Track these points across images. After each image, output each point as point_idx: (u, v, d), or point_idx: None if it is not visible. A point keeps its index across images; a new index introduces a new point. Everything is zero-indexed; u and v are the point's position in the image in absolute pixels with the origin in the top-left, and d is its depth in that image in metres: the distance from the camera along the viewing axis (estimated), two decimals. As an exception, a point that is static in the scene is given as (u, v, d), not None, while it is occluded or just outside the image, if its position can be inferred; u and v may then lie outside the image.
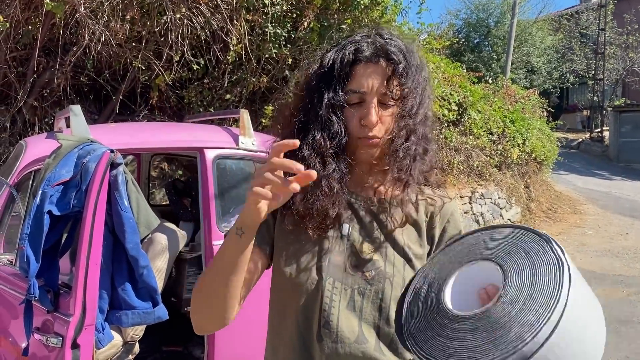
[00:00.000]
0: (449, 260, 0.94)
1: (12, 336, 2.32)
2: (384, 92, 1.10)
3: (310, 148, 1.11)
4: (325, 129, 1.11)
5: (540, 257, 0.82)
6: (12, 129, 5.07)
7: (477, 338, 0.78)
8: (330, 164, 1.11)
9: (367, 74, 1.11)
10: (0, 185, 2.71)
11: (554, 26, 24.21)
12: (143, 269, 2.24)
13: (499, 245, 0.88)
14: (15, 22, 4.51)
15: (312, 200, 1.10)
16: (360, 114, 1.10)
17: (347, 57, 1.11)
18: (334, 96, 1.11)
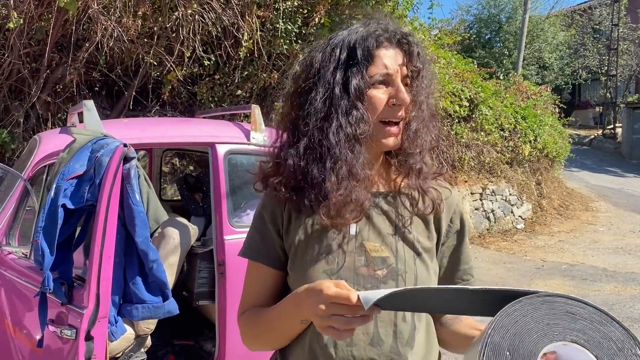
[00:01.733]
0: (526, 324, 0.83)
1: (26, 328, 2.35)
2: (405, 74, 1.11)
3: (338, 136, 1.07)
4: (350, 115, 1.08)
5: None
6: (26, 124, 5.12)
7: None
8: (359, 152, 1.08)
9: (388, 56, 1.10)
10: (14, 179, 2.74)
11: (566, 22, 23.96)
12: (153, 262, 2.25)
13: (586, 327, 0.81)
14: (29, 19, 4.55)
15: (349, 190, 1.07)
16: (391, 93, 1.09)
17: (368, 42, 1.09)
18: (361, 80, 1.08)
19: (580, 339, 0.80)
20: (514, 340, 0.81)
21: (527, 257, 7.60)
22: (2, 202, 2.76)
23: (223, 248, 2.88)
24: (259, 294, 1.19)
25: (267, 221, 1.18)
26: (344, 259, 1.10)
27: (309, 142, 1.10)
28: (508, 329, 0.82)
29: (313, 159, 1.09)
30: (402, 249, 1.12)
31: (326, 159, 1.07)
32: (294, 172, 1.10)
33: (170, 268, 3.00)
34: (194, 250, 3.22)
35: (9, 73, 4.89)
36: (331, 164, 1.07)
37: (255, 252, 1.19)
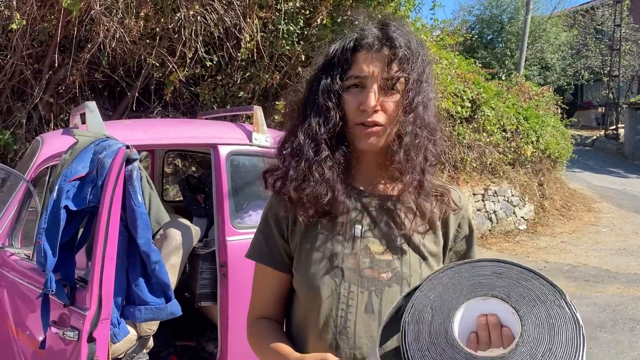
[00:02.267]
0: (454, 285, 0.90)
1: (29, 329, 2.35)
2: (385, 78, 1.08)
3: (305, 134, 1.11)
4: (320, 115, 1.10)
5: (556, 311, 0.82)
6: (28, 125, 5.13)
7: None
8: (323, 151, 1.10)
9: (367, 60, 1.09)
10: (17, 180, 2.74)
11: (568, 22, 23.92)
12: (155, 264, 2.25)
13: (510, 285, 0.86)
14: (32, 20, 4.56)
15: (303, 186, 1.09)
16: (360, 98, 1.08)
17: (347, 44, 1.11)
18: (331, 82, 1.10)
19: (501, 294, 0.85)
20: (438, 299, 0.88)
21: (529, 258, 7.59)
22: (4, 203, 2.76)
23: (225, 249, 2.88)
24: (266, 297, 1.21)
25: (272, 223, 1.19)
26: (348, 261, 1.10)
27: (288, 138, 1.16)
28: (435, 289, 0.89)
29: (288, 154, 1.14)
30: (407, 252, 1.11)
31: (293, 154, 1.12)
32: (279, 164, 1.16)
33: (172, 269, 3.00)
34: (196, 251, 3.22)
35: (11, 74, 4.90)
36: (295, 160, 1.11)
37: (260, 253, 1.21)
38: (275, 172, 1.15)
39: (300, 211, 1.10)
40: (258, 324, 1.21)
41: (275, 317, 1.22)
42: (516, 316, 0.82)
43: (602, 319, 4.98)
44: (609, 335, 4.59)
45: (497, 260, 0.90)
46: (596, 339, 4.50)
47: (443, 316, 0.86)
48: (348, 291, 1.09)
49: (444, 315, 0.86)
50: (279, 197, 1.14)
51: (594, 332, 4.65)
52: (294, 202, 1.11)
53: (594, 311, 5.21)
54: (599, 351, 4.26)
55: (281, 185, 1.12)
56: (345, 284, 1.09)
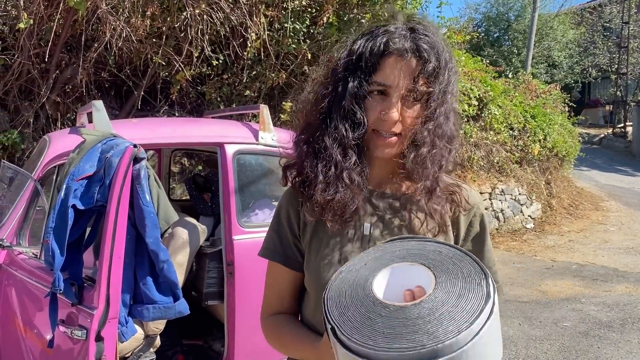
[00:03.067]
0: (393, 252, 0.96)
1: (37, 328, 2.36)
2: (409, 89, 1.06)
3: (332, 138, 1.09)
4: (347, 120, 1.09)
5: (472, 286, 0.86)
6: (36, 124, 5.15)
7: (389, 326, 0.82)
8: (351, 156, 1.09)
9: (394, 68, 1.06)
10: (25, 179, 2.75)
11: (576, 20, 23.79)
12: (163, 263, 2.26)
13: (443, 260, 0.91)
14: (39, 19, 4.58)
15: (333, 192, 1.08)
16: (382, 106, 1.07)
17: (377, 48, 1.07)
18: (359, 86, 1.08)
19: (428, 263, 0.91)
20: (371, 262, 0.95)
21: (536, 257, 7.55)
22: (12, 202, 2.77)
23: (232, 248, 2.88)
24: (279, 295, 1.23)
25: (284, 221, 1.21)
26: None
27: (311, 137, 1.14)
28: (355, 269, 0.95)
29: (309, 153, 1.13)
30: None
31: (319, 158, 1.10)
32: (299, 162, 1.15)
33: (179, 268, 3.00)
34: (202, 250, 3.23)
35: (19, 73, 4.92)
36: (322, 164, 1.10)
37: (273, 252, 1.22)
38: (296, 170, 1.15)
39: (329, 216, 1.10)
40: (273, 318, 1.22)
41: (289, 311, 1.23)
42: (434, 282, 0.87)
43: (610, 318, 4.94)
44: (618, 334, 4.56)
45: (444, 243, 0.96)
46: (605, 339, 4.47)
47: (367, 272, 0.92)
48: None
49: (368, 272, 0.92)
50: (305, 201, 1.14)
51: (603, 332, 4.62)
52: (322, 207, 1.10)
53: (603, 310, 5.18)
54: (608, 350, 4.23)
55: (309, 190, 1.11)
56: None
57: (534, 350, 4.25)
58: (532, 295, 5.65)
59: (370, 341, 0.81)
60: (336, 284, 0.93)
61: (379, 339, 0.81)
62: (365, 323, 0.84)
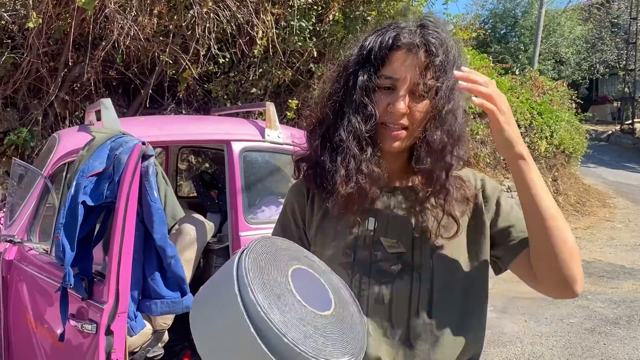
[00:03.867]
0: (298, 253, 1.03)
1: (48, 322, 2.39)
2: (417, 83, 1.07)
3: (347, 131, 1.11)
4: (359, 113, 1.11)
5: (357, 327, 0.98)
6: (44, 122, 5.19)
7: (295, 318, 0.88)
8: (367, 148, 1.11)
9: (402, 62, 1.08)
10: (35, 176, 2.79)
11: (583, 16, 23.64)
12: (171, 258, 2.29)
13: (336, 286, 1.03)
14: (47, 18, 4.62)
15: (354, 184, 1.09)
16: (390, 99, 1.09)
17: (386, 42, 1.10)
18: (368, 79, 1.10)
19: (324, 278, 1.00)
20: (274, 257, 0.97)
21: (543, 254, 7.54)
22: (23, 199, 2.81)
23: (239, 244, 2.91)
24: None
25: (290, 215, 1.23)
26: (361, 254, 1.13)
27: (325, 131, 1.15)
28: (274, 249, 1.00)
29: (325, 147, 1.14)
30: (419, 243, 1.12)
31: (337, 152, 1.11)
32: (313, 157, 1.17)
33: (187, 264, 3.03)
34: (210, 246, 3.26)
35: (28, 72, 4.97)
36: (341, 158, 1.11)
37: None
38: (309, 163, 1.17)
39: (355, 207, 1.12)
40: None
41: None
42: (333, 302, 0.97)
43: (617, 315, 4.94)
44: (624, 331, 4.55)
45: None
46: (611, 335, 4.47)
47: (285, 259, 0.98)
48: (360, 282, 1.12)
49: (286, 260, 0.97)
50: (326, 193, 1.14)
51: (609, 328, 4.63)
52: (346, 199, 1.11)
53: (609, 307, 5.18)
54: (614, 347, 4.23)
55: (329, 183, 1.12)
56: (357, 276, 1.12)
57: (539, 346, 4.26)
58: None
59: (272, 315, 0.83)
60: (259, 248, 0.96)
61: (276, 317, 0.83)
62: (276, 301, 0.86)
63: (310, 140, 1.19)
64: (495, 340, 4.39)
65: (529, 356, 4.10)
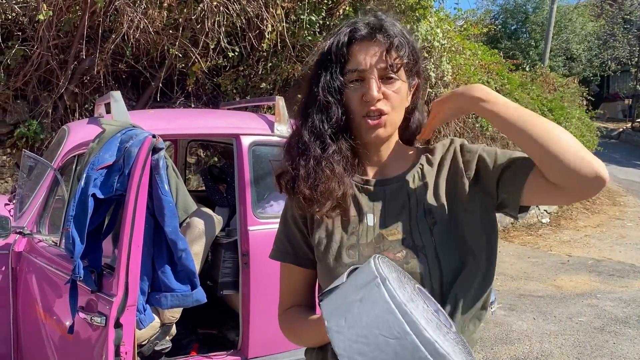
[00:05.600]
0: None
1: (57, 315, 2.40)
2: (384, 67, 1.10)
3: (309, 132, 1.12)
4: (323, 112, 1.12)
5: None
6: (54, 115, 5.21)
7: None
8: (330, 146, 1.11)
9: (363, 51, 1.11)
10: (45, 168, 2.80)
11: (595, 12, 23.40)
12: (181, 252, 2.28)
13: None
14: (58, 11, 4.62)
15: (316, 183, 1.10)
16: (362, 91, 1.10)
17: (341, 39, 1.12)
18: (331, 78, 1.11)
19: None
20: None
21: (552, 251, 7.50)
22: (32, 191, 2.82)
23: (247, 238, 2.90)
24: (294, 293, 1.25)
25: (291, 222, 1.23)
26: (364, 251, 1.12)
27: (294, 138, 1.17)
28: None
29: (295, 154, 1.14)
30: (415, 225, 1.11)
31: (302, 154, 1.12)
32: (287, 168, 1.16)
33: (195, 257, 3.03)
34: (218, 240, 3.25)
35: (38, 64, 4.98)
36: (303, 159, 1.12)
37: (283, 253, 1.24)
38: (286, 175, 1.16)
39: (316, 208, 1.12)
40: (289, 311, 1.24)
41: (305, 304, 1.26)
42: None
43: (627, 314, 4.90)
44: (634, 330, 4.52)
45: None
46: (621, 334, 4.44)
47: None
48: None
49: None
50: (294, 198, 1.15)
51: (618, 327, 4.59)
52: (308, 200, 1.11)
53: (619, 306, 5.13)
54: (623, 346, 4.20)
55: (294, 186, 1.13)
56: None
57: (548, 345, 4.24)
58: (547, 290, 5.62)
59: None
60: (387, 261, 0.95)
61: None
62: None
63: (286, 152, 1.19)
64: (503, 338, 4.37)
65: (537, 354, 4.08)
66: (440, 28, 6.66)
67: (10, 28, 5.07)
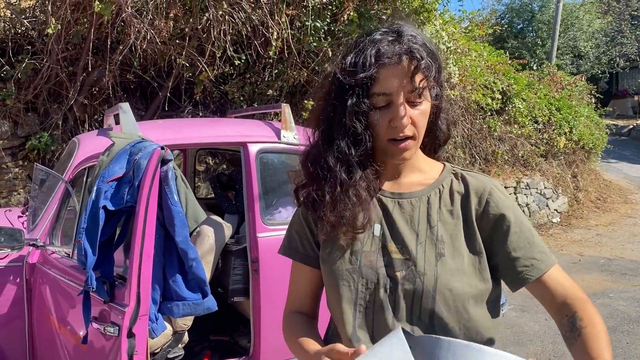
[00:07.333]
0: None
1: (70, 325, 2.44)
2: (410, 90, 1.08)
3: (335, 158, 1.12)
4: (349, 137, 1.10)
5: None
6: (64, 126, 5.28)
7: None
8: (356, 173, 1.11)
9: (391, 75, 1.07)
10: (56, 181, 2.84)
11: (602, 9, 23.24)
12: (192, 261, 2.31)
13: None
14: (66, 24, 4.69)
15: (342, 210, 1.10)
16: (390, 115, 1.09)
17: (368, 60, 1.07)
18: (357, 102, 1.08)
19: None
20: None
21: (563, 251, 7.46)
22: (44, 203, 2.86)
23: (256, 245, 2.93)
24: (299, 298, 1.28)
25: (302, 220, 1.25)
26: (367, 259, 1.14)
27: (316, 160, 1.15)
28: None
29: (316, 175, 1.15)
30: (422, 250, 1.12)
31: (325, 179, 1.13)
32: (308, 182, 1.18)
33: (206, 265, 3.06)
34: (228, 247, 3.28)
35: (47, 77, 5.05)
36: (328, 185, 1.12)
37: (295, 251, 1.26)
38: (308, 194, 1.17)
39: (342, 233, 1.13)
40: (292, 317, 1.26)
41: (308, 311, 1.27)
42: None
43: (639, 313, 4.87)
44: (647, 329, 4.49)
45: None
46: (634, 334, 4.41)
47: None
48: (366, 287, 1.13)
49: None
50: (318, 219, 1.16)
51: (631, 327, 4.56)
52: (333, 225, 1.12)
53: (632, 305, 5.10)
54: (637, 346, 4.17)
55: (319, 212, 1.14)
56: (362, 281, 1.13)
57: (561, 345, 4.22)
58: (559, 290, 5.57)
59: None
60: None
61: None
62: None
63: (304, 166, 1.19)
64: (515, 339, 4.36)
65: (550, 355, 4.06)
66: (445, 31, 6.67)
67: (20, 42, 5.14)
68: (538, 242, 1.15)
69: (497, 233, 1.13)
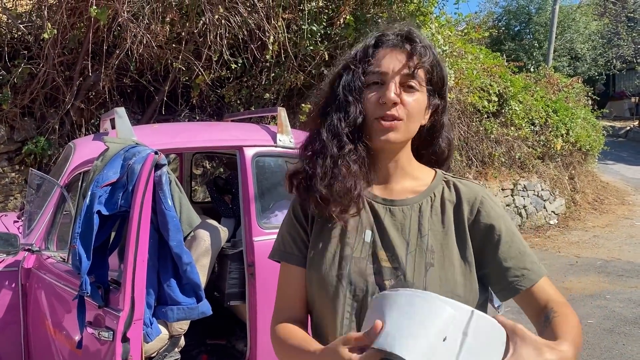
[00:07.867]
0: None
1: (65, 329, 2.44)
2: (406, 73, 1.11)
3: (327, 131, 1.13)
4: (342, 111, 1.12)
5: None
6: (61, 131, 5.28)
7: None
8: (346, 145, 1.11)
9: (388, 56, 1.12)
10: (52, 186, 2.85)
11: (598, 11, 23.31)
12: (186, 265, 2.31)
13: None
14: (62, 28, 4.70)
15: (332, 182, 1.10)
16: (380, 93, 1.11)
17: (368, 42, 1.15)
18: (352, 78, 1.13)
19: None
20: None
21: (560, 253, 7.47)
22: (40, 208, 2.87)
23: (252, 249, 2.93)
24: (293, 297, 1.21)
25: (295, 222, 1.23)
26: (356, 265, 1.12)
27: (311, 139, 1.17)
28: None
29: (311, 153, 1.15)
30: (412, 260, 1.10)
31: (319, 153, 1.13)
32: (302, 168, 1.17)
33: (202, 269, 3.07)
34: (224, 251, 3.29)
35: (44, 82, 5.05)
36: (320, 158, 1.12)
37: (282, 252, 1.23)
38: (301, 174, 1.16)
39: (333, 207, 1.12)
40: (283, 329, 1.18)
41: (298, 317, 1.21)
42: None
43: (636, 315, 4.87)
44: (644, 331, 4.50)
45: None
46: (630, 335, 4.41)
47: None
48: (353, 294, 1.10)
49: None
50: (310, 198, 1.14)
51: (628, 328, 4.57)
52: (325, 199, 1.11)
53: (628, 307, 5.11)
54: (633, 347, 4.18)
55: (310, 185, 1.13)
56: (351, 288, 1.11)
57: (557, 347, 4.22)
58: (556, 292, 5.58)
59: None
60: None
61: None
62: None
63: (301, 150, 1.20)
64: (512, 341, 4.35)
65: (546, 357, 4.06)
66: (441, 34, 6.69)
67: (16, 47, 5.15)
68: (529, 253, 1.15)
69: (488, 243, 1.13)
